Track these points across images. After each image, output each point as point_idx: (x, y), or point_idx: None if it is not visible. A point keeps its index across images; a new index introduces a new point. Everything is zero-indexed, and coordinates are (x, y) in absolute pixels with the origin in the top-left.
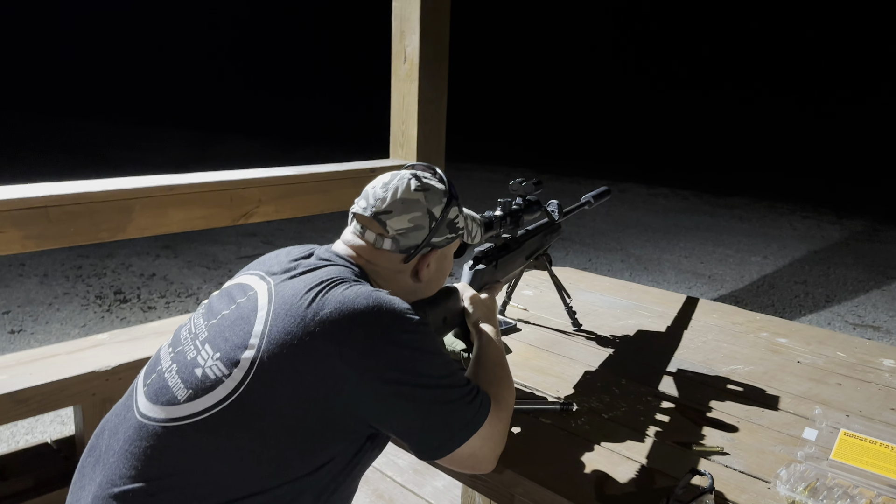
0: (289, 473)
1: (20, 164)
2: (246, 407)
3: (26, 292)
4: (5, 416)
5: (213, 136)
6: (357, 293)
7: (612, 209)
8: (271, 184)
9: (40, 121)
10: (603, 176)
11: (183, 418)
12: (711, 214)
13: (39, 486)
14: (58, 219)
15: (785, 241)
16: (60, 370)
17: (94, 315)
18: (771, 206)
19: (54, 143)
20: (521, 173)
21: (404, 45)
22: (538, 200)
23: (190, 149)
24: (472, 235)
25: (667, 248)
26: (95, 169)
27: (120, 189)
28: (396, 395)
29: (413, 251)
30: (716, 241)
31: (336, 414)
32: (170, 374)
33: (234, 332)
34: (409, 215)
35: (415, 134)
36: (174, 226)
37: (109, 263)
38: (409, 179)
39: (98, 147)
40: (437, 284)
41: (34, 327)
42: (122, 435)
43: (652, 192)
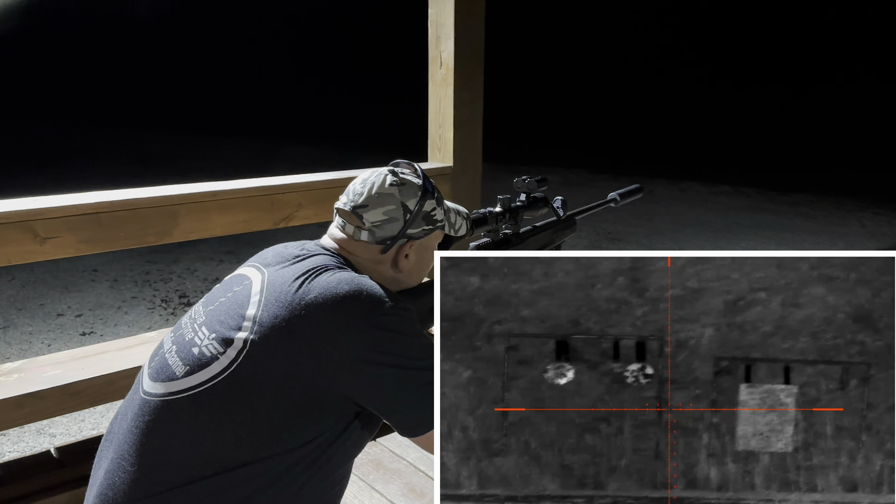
0: (279, 446)
1: (95, 176)
2: (238, 383)
3: (97, 296)
4: (60, 408)
5: (277, 144)
6: (340, 279)
7: (670, 208)
8: (310, 188)
9: (112, 133)
10: (663, 175)
11: (180, 392)
12: (775, 212)
13: (38, 492)
14: (108, 224)
15: (852, 240)
16: (110, 365)
17: (160, 318)
18: (838, 202)
19: (126, 154)
20: (577, 175)
21: (440, 50)
22: (544, 197)
23: (257, 156)
24: (455, 228)
25: (726, 247)
26: (166, 179)
27: (166, 195)
28: (376, 374)
29: (390, 242)
30: (778, 240)
31: (321, 391)
32: (170, 354)
33: (229, 315)
34: (384, 208)
35: (451, 137)
36: (217, 230)
37: (175, 268)
38: (386, 175)
39: (167, 157)
40: (419, 274)
41: (103, 329)
42: (130, 414)
43: (713, 191)
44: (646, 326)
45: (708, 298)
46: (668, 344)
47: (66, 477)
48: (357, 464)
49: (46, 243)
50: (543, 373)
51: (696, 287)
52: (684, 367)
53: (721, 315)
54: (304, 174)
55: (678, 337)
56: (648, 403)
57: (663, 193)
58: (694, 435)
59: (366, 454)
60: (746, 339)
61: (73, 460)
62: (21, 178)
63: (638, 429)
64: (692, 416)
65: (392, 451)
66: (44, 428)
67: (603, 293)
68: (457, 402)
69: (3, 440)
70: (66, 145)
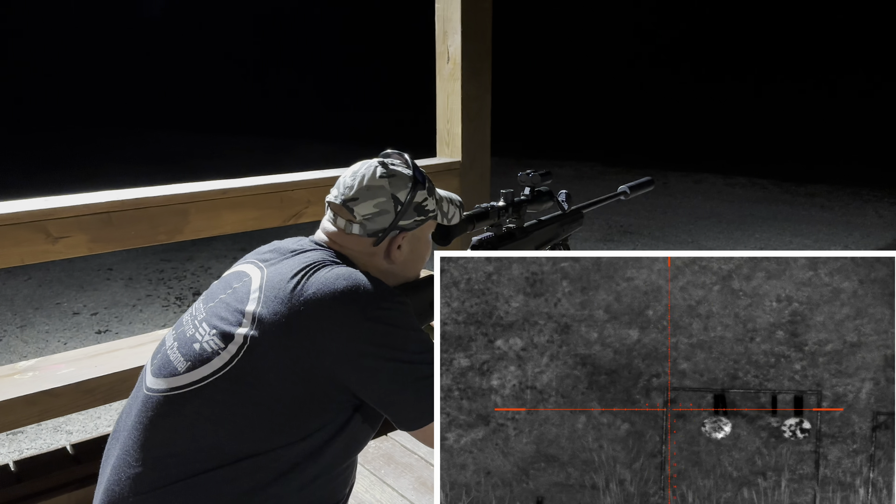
0: (281, 439)
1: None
2: (239, 377)
3: (112, 295)
4: (74, 406)
5: (289, 141)
6: (337, 274)
7: (684, 200)
8: (319, 185)
9: (125, 134)
10: (677, 167)
11: (182, 387)
12: (790, 204)
13: (54, 488)
14: (119, 223)
15: (869, 230)
16: (123, 362)
17: (174, 315)
18: (855, 192)
19: (140, 154)
20: (590, 168)
21: (447, 45)
22: (549, 191)
23: (269, 155)
24: (447, 217)
25: (741, 239)
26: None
27: (176, 194)
28: (373, 368)
29: (381, 234)
30: (794, 231)
31: (321, 384)
32: (171, 350)
33: (229, 311)
34: (374, 201)
35: (459, 132)
36: (228, 227)
37: (189, 266)
38: (376, 167)
39: (183, 157)
40: (414, 265)
41: (119, 327)
42: (134, 410)
43: (729, 183)
44: (804, 381)
45: (865, 353)
46: (825, 398)
47: (81, 473)
48: (368, 458)
49: (58, 243)
50: (701, 426)
51: (855, 341)
52: (841, 422)
53: (880, 370)
54: (312, 171)
55: (836, 391)
56: (804, 456)
57: (678, 185)
58: (851, 489)
59: (377, 448)
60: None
61: (88, 457)
62: (34, 178)
63: (794, 483)
64: (849, 470)
65: (403, 446)
66: (60, 425)
67: (762, 347)
68: (615, 455)
69: (21, 437)
70: (80, 146)
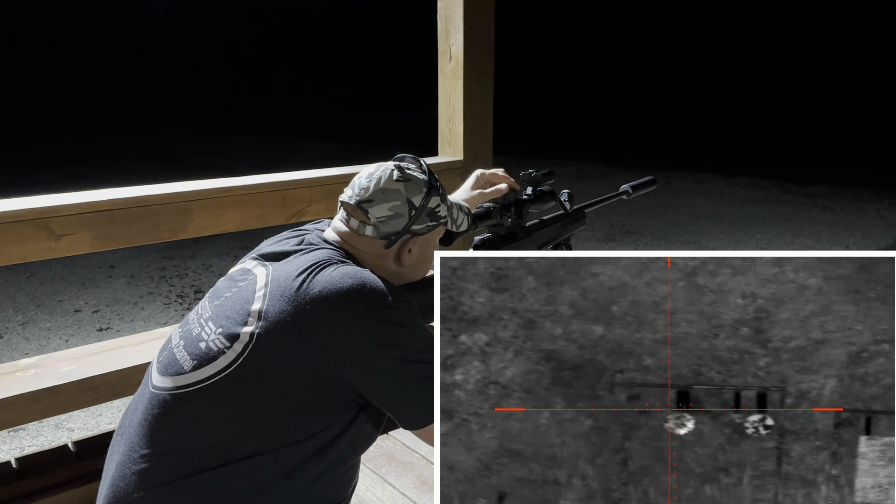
0: (286, 438)
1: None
2: (245, 376)
3: (114, 292)
4: (76, 403)
5: (291, 140)
6: (343, 273)
7: (686, 200)
8: (321, 183)
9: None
10: (679, 167)
11: (188, 385)
12: (792, 204)
13: (56, 486)
14: (122, 220)
15: (870, 231)
16: (125, 360)
17: (175, 313)
18: (857, 193)
19: (143, 152)
20: (592, 168)
21: (449, 43)
22: (551, 191)
23: (272, 153)
24: (457, 224)
25: (742, 239)
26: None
27: (179, 192)
28: (378, 367)
29: (394, 237)
30: (795, 232)
31: (326, 383)
32: (177, 349)
33: (234, 310)
34: (390, 204)
35: (461, 131)
36: (230, 225)
37: (191, 264)
38: (392, 170)
39: (186, 155)
40: (421, 269)
41: (120, 325)
42: (140, 408)
43: (730, 183)
44: (768, 377)
45: (830, 350)
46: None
47: (83, 471)
48: (370, 456)
49: (61, 240)
50: (664, 422)
51: (820, 338)
52: (804, 418)
53: (844, 366)
54: (314, 170)
55: (800, 388)
56: (767, 452)
57: (679, 186)
58: (813, 486)
59: (378, 447)
60: (868, 391)
61: (90, 454)
62: (38, 175)
63: (757, 479)
64: (812, 467)
65: (404, 444)
66: (62, 422)
67: (726, 343)
68: (578, 451)
69: (23, 434)
70: (83, 143)
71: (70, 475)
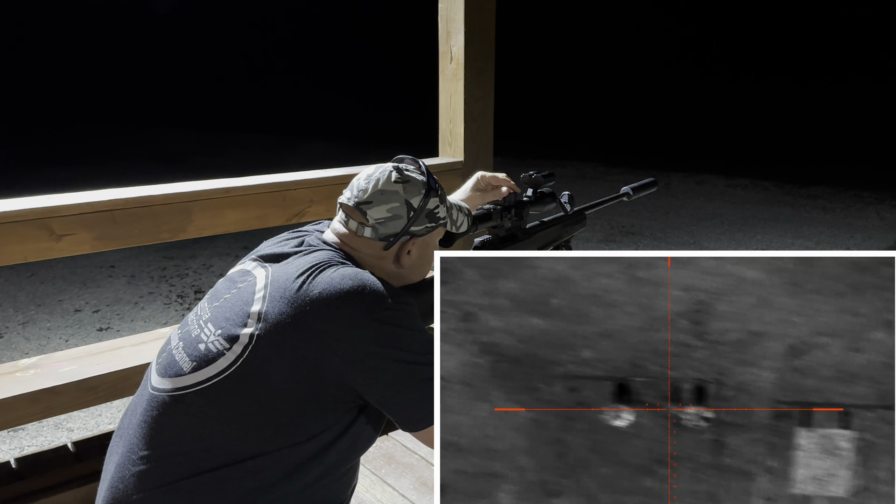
0: (286, 439)
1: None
2: (245, 377)
3: (115, 292)
4: (76, 403)
5: (292, 140)
6: (343, 274)
7: (686, 201)
8: (321, 184)
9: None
10: (679, 168)
11: (188, 387)
12: (792, 205)
13: (56, 486)
14: (123, 221)
15: (870, 232)
16: (125, 361)
17: (176, 313)
18: (857, 195)
19: (143, 152)
20: (592, 169)
21: (450, 44)
22: (552, 192)
23: (272, 153)
24: (456, 225)
25: (742, 240)
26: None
27: (180, 192)
28: (378, 368)
29: (392, 239)
30: (795, 233)
31: (326, 384)
32: (177, 350)
33: (234, 312)
34: (388, 205)
35: (462, 132)
36: (231, 226)
37: (192, 264)
38: (391, 172)
39: (185, 155)
40: (420, 270)
41: (120, 325)
42: (139, 409)
43: (730, 184)
44: (706, 369)
45: (768, 342)
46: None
47: (83, 471)
48: (369, 458)
49: (62, 240)
50: (602, 415)
51: (758, 330)
52: (742, 411)
53: (781, 359)
54: (315, 170)
55: (738, 380)
56: (705, 444)
57: (680, 187)
58: (750, 478)
59: (378, 448)
60: (806, 384)
61: (90, 454)
62: (39, 175)
63: (695, 471)
64: (750, 459)
65: (404, 446)
66: (61, 423)
67: (665, 336)
68: (515, 443)
69: (22, 434)
70: (84, 143)
71: (69, 475)
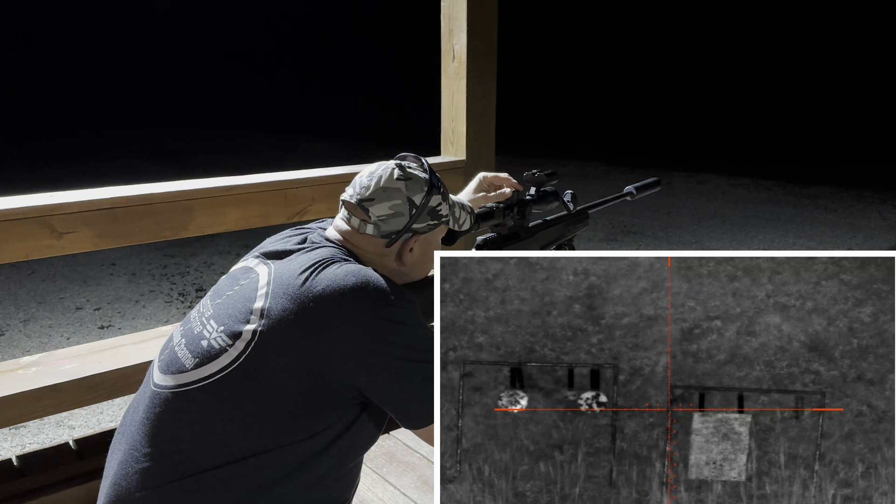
0: (288, 437)
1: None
2: (247, 374)
3: (116, 290)
4: (78, 401)
5: (292, 139)
6: (346, 271)
7: (688, 201)
8: (323, 182)
9: (130, 129)
10: (681, 168)
11: (190, 384)
12: (794, 205)
13: (57, 483)
14: (124, 218)
15: (872, 232)
16: (127, 358)
17: (177, 311)
18: (859, 195)
19: (145, 150)
20: (594, 168)
21: (452, 43)
22: (555, 191)
23: (273, 152)
24: (459, 223)
25: (744, 240)
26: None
27: (181, 190)
28: (381, 365)
29: (395, 236)
30: (797, 233)
31: (328, 381)
32: (179, 347)
33: (236, 308)
34: (390, 203)
35: (464, 131)
36: (232, 224)
37: (193, 262)
38: (393, 169)
39: (186, 153)
40: (422, 268)
41: (121, 323)
42: (141, 406)
43: (732, 183)
44: (601, 354)
45: (662, 326)
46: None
47: (84, 468)
48: (370, 456)
49: (63, 238)
50: (497, 400)
51: (652, 314)
52: (638, 395)
53: (676, 343)
54: (316, 169)
55: (633, 364)
56: (601, 429)
57: (681, 186)
58: (647, 463)
59: (379, 447)
60: (701, 368)
61: (91, 452)
62: (40, 172)
63: (591, 456)
64: (646, 443)
65: (405, 444)
66: (63, 420)
67: (559, 320)
68: None
69: (24, 432)
70: (85, 141)
71: (71, 473)
